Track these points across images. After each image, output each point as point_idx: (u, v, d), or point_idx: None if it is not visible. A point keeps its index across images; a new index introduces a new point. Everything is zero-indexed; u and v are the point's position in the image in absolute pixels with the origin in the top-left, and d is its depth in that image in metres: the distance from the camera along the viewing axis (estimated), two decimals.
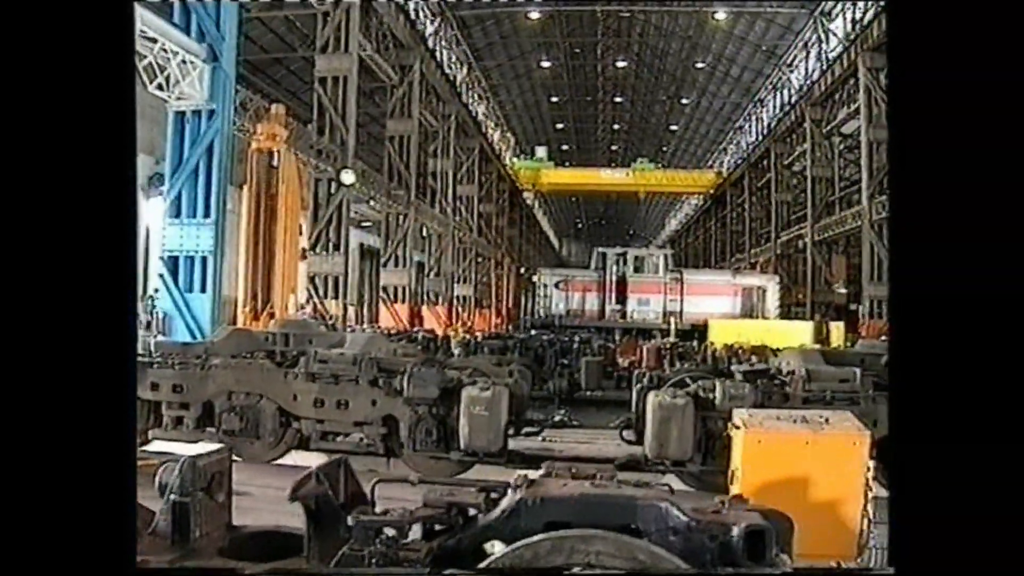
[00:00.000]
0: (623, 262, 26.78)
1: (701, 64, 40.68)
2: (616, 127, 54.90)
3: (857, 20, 25.59)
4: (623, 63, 42.70)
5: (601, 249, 27.99)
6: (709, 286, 27.14)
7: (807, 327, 21.92)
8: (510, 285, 43.40)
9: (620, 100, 49.11)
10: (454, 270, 31.06)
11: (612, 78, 45.44)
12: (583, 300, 26.51)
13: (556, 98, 48.14)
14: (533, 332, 19.71)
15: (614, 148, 58.61)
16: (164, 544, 3.20)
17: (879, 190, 22.73)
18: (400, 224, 24.55)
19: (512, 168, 45.88)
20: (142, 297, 13.56)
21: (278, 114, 15.49)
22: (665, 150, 57.29)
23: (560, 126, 53.67)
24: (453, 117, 30.34)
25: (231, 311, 15.62)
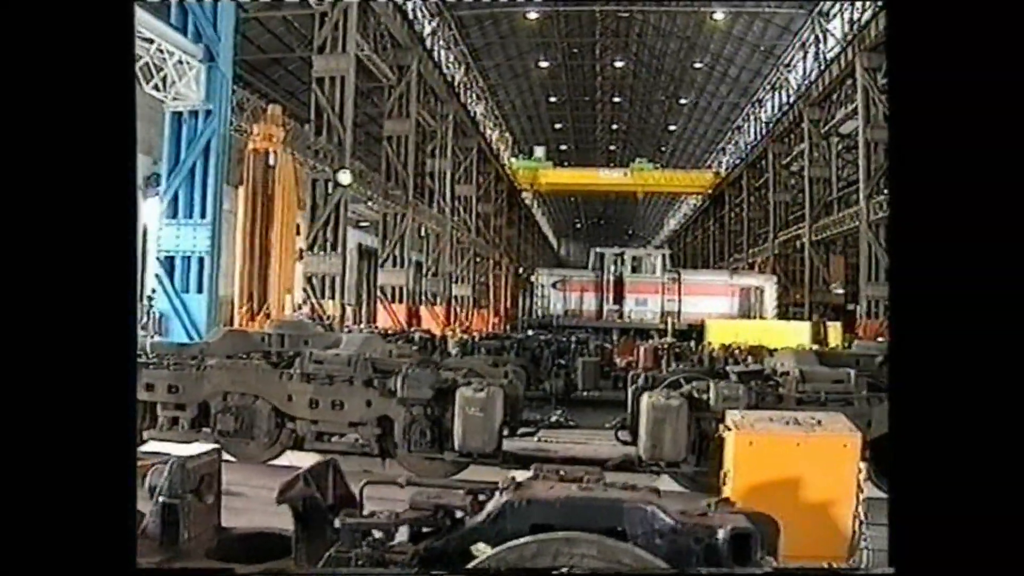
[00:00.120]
0: (621, 262, 26.82)
1: (699, 64, 40.69)
2: (614, 127, 54.88)
3: (855, 20, 25.61)
4: (621, 63, 42.70)
5: (599, 249, 28.03)
6: (707, 286, 27.19)
7: (804, 327, 21.96)
8: (508, 285, 43.40)
9: (618, 100, 49.12)
10: (452, 270, 31.06)
11: (610, 78, 45.44)
12: (581, 300, 26.55)
13: (554, 98, 48.14)
14: (530, 332, 19.72)
15: (612, 148, 58.60)
16: (153, 546, 3.20)
17: (877, 190, 22.76)
18: (398, 224, 24.56)
19: (510, 168, 45.89)
20: (140, 297, 13.56)
21: (274, 115, 15.48)
22: (663, 150, 57.27)
23: (558, 126, 53.65)
24: (451, 117, 30.33)
25: (228, 311, 15.62)
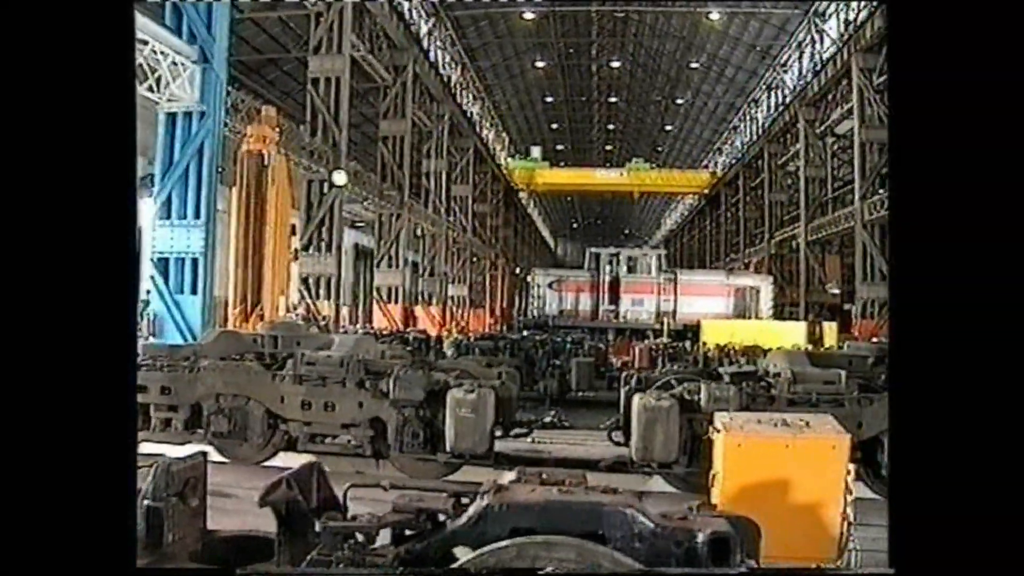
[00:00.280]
0: (616, 262, 26.87)
1: (695, 64, 40.72)
2: (611, 127, 54.91)
3: (850, 21, 25.63)
4: (617, 63, 42.73)
5: (594, 250, 28.09)
6: (702, 286, 27.23)
7: (800, 327, 21.98)
8: (505, 285, 43.41)
9: (615, 100, 49.14)
10: (448, 270, 31.06)
11: (607, 78, 45.47)
12: (576, 300, 26.60)
13: (551, 98, 48.16)
14: (526, 333, 19.74)
15: (609, 148, 58.63)
16: (136, 548, 3.20)
17: (872, 190, 22.79)
18: (393, 225, 24.56)
19: (507, 168, 45.91)
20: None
21: (268, 116, 15.46)
22: (660, 150, 57.33)
23: (555, 126, 53.68)
24: (447, 117, 30.34)
25: (222, 313, 15.61)
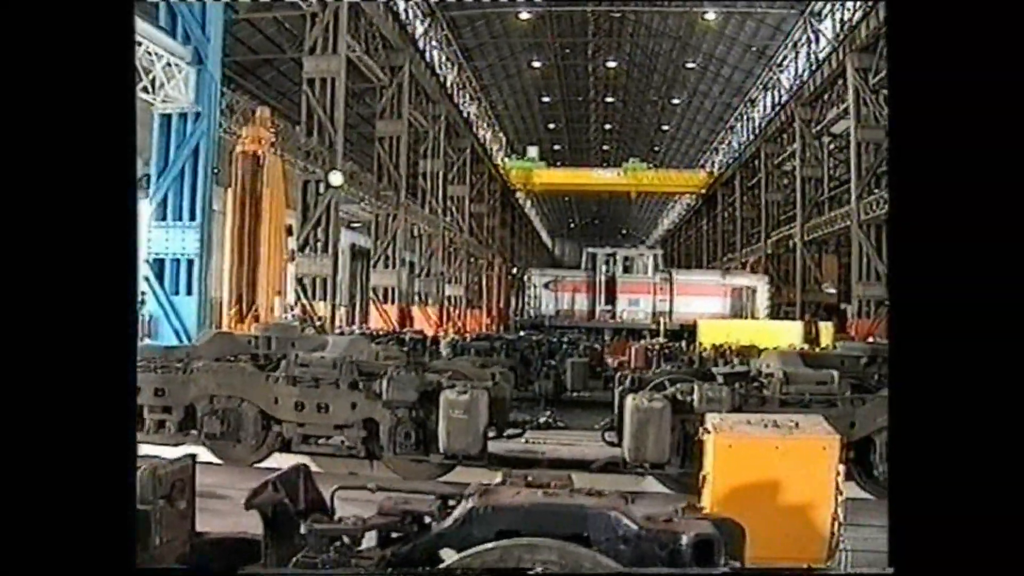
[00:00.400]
0: (612, 262, 26.85)
1: (692, 64, 40.77)
2: (608, 127, 54.94)
3: (846, 21, 25.67)
4: (614, 63, 42.75)
5: (590, 249, 28.07)
6: (699, 286, 27.22)
7: (796, 327, 21.98)
8: (502, 285, 43.42)
9: (611, 100, 49.18)
10: (444, 270, 31.07)
11: (603, 78, 45.49)
12: (573, 300, 26.58)
13: (547, 98, 48.17)
14: (522, 333, 19.74)
15: (606, 148, 58.67)
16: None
17: (868, 190, 22.82)
18: (390, 225, 24.55)
19: (503, 168, 45.90)
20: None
21: (263, 117, 15.46)
22: (657, 150, 57.36)
23: (552, 126, 53.70)
24: (443, 117, 30.33)
25: (217, 314, 15.60)
